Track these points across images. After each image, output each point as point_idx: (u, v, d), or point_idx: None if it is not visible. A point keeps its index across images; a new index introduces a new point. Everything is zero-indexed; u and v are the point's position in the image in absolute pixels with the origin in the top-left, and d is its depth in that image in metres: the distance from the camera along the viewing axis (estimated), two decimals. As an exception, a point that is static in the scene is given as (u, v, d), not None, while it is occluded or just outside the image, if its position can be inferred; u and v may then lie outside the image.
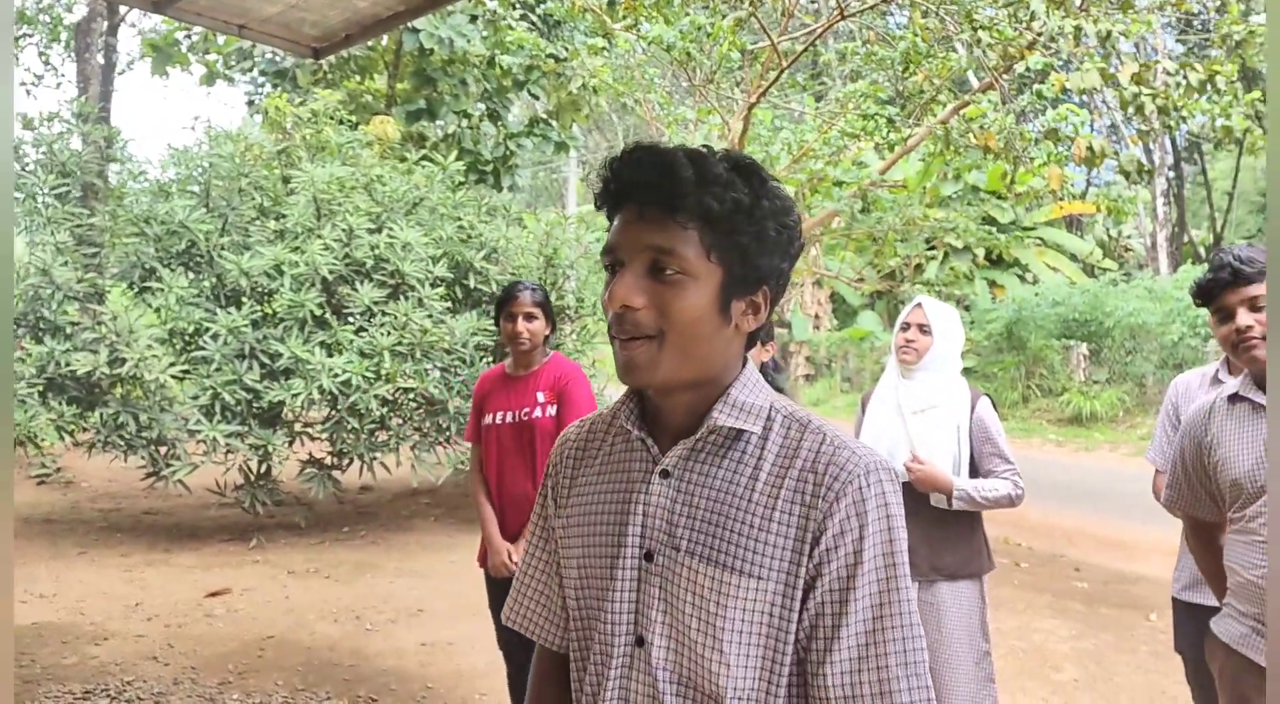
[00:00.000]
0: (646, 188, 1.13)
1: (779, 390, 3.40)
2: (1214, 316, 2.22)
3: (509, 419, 3.38)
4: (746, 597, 1.13)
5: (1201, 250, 26.83)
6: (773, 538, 1.13)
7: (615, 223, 1.17)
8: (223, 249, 7.59)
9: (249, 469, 7.60)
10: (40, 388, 6.89)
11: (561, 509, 1.33)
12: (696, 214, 1.11)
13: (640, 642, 1.19)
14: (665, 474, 1.20)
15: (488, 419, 3.45)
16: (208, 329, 7.15)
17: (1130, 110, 7.84)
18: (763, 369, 3.44)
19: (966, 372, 3.27)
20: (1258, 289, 2.11)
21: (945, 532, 3.06)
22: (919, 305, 3.15)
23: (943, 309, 3.16)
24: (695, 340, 1.14)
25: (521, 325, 3.34)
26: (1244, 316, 2.13)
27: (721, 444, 1.19)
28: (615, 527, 1.23)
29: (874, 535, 1.12)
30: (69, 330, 7.17)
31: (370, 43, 13.33)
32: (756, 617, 1.13)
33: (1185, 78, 7.71)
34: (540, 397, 3.34)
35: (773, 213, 1.15)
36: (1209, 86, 7.63)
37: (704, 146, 1.17)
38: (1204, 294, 2.22)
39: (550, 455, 1.40)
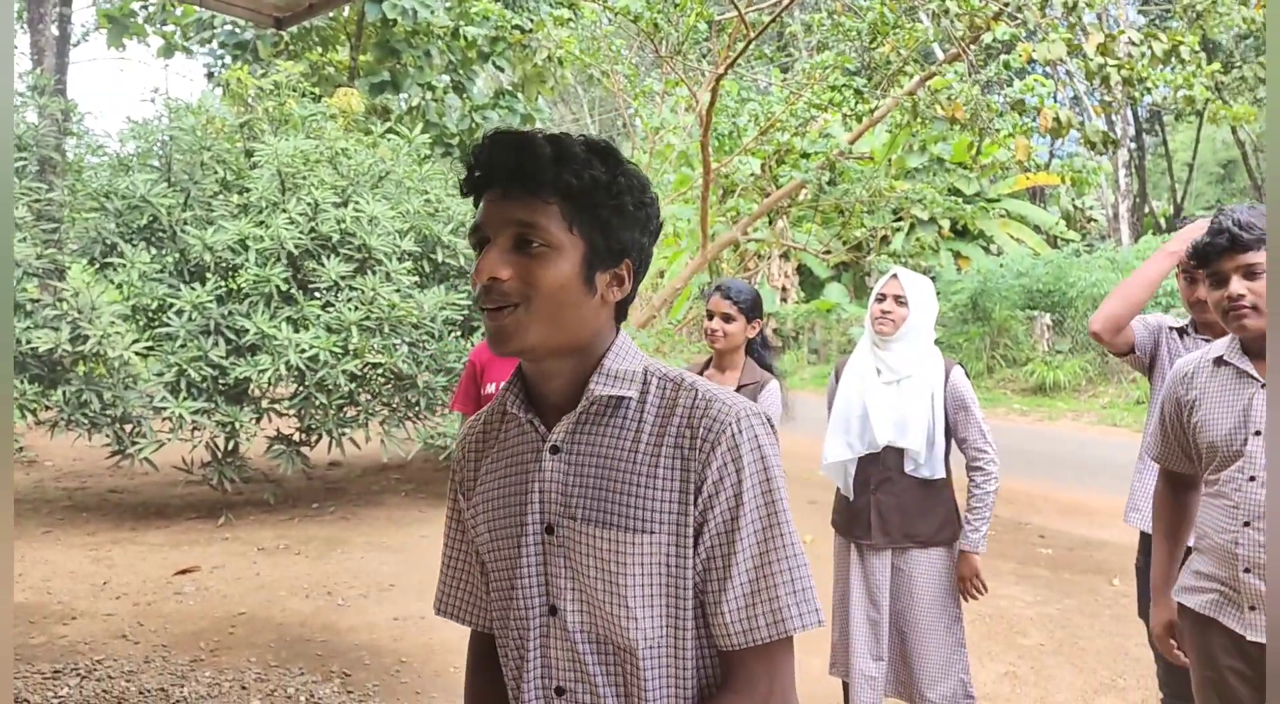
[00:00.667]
0: (508, 168, 1.18)
1: (767, 368, 3.42)
2: (1207, 280, 2.21)
3: None
4: (642, 552, 1.19)
5: (1162, 221, 27.17)
6: (659, 493, 1.20)
7: (481, 204, 1.22)
8: (185, 224, 7.47)
9: (216, 446, 7.52)
10: (0, 366, 6.76)
11: (469, 500, 1.38)
12: (557, 189, 1.17)
13: (554, 610, 1.26)
14: (555, 450, 1.26)
15: (489, 388, 3.42)
16: (172, 305, 7.04)
17: (1096, 81, 7.89)
18: (750, 345, 3.44)
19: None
20: (1254, 257, 2.09)
21: (919, 500, 3.10)
22: (894, 276, 3.16)
23: (917, 280, 3.17)
24: (561, 307, 1.19)
25: None
26: (1237, 284, 2.11)
27: (603, 413, 1.25)
28: (516, 507, 1.29)
29: (751, 477, 1.19)
30: (29, 307, 7.02)
31: (332, 13, 13.13)
32: (654, 569, 1.20)
33: (1150, 48, 7.76)
34: None
35: (629, 189, 1.22)
36: (1173, 57, 7.69)
37: (561, 132, 1.24)
38: (1199, 258, 2.20)
39: (454, 451, 1.45)
